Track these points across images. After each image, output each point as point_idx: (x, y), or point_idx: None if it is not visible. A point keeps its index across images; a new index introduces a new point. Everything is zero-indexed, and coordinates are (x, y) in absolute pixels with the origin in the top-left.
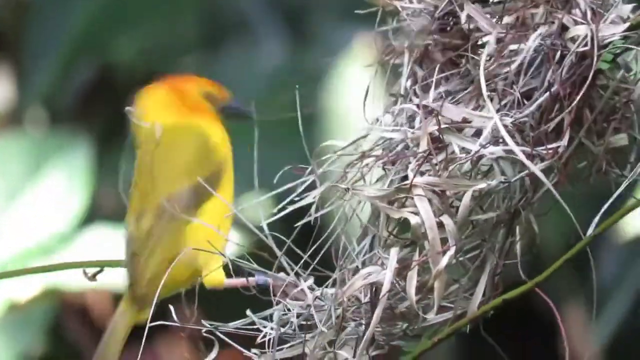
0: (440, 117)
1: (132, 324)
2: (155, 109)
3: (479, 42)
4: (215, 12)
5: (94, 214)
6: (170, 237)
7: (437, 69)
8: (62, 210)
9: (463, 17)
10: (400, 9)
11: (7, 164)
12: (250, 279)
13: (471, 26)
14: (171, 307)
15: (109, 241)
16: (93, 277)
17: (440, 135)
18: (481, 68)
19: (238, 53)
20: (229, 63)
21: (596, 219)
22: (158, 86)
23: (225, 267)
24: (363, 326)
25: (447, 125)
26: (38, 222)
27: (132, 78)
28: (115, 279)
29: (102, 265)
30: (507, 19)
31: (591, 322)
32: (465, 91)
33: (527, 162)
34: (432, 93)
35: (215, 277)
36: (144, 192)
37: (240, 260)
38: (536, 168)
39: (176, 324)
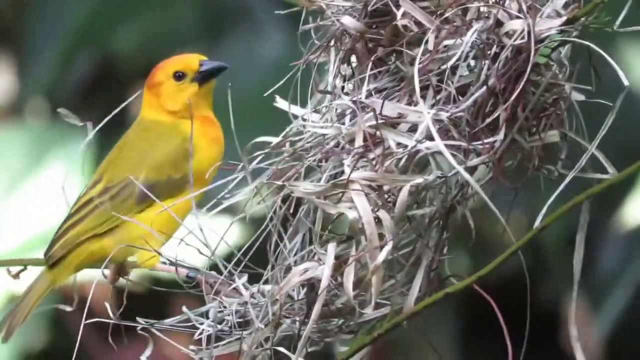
0: (375, 113)
1: (46, 287)
2: (147, 113)
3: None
4: (217, 3)
5: None
6: (102, 216)
7: (367, 66)
8: (62, 201)
9: (399, 13)
10: (325, 7)
11: (8, 156)
12: (180, 269)
13: (406, 23)
14: (107, 305)
15: None
16: (16, 276)
17: (376, 131)
18: (416, 64)
19: (239, 43)
20: (230, 53)
21: (542, 212)
22: (145, 88)
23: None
24: (297, 323)
25: (382, 121)
26: (38, 214)
27: (133, 68)
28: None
29: (24, 263)
30: (441, 15)
31: (593, 316)
32: (397, 88)
33: (451, 160)
34: (364, 90)
35: (150, 260)
36: (110, 164)
37: (172, 258)
38: (460, 167)
39: (113, 322)
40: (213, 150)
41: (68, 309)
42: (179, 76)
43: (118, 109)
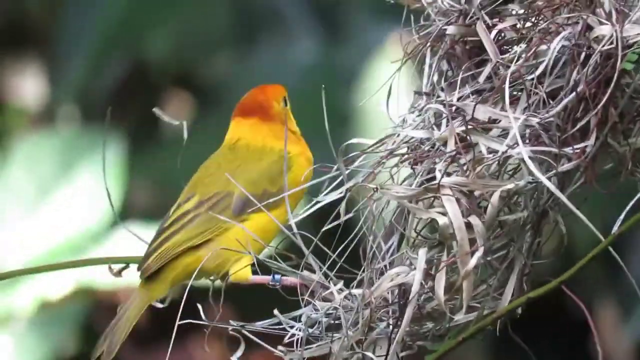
0: (467, 117)
1: (145, 302)
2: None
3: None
4: (248, 7)
5: (125, 212)
6: (200, 226)
7: (463, 67)
8: (93, 208)
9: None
10: (426, 6)
11: (40, 162)
12: (273, 276)
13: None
14: (199, 306)
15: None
16: (118, 273)
17: (468, 136)
18: (508, 73)
19: (271, 49)
20: (262, 59)
21: (620, 218)
22: (246, 116)
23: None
24: (390, 327)
25: (473, 126)
26: (70, 220)
27: (165, 74)
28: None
29: (127, 261)
30: (534, 19)
31: (623, 321)
32: (492, 91)
33: (533, 169)
34: (457, 91)
35: (241, 273)
36: (199, 182)
37: (269, 260)
38: (542, 176)
39: (203, 323)
40: (306, 169)
41: (160, 305)
42: (285, 101)
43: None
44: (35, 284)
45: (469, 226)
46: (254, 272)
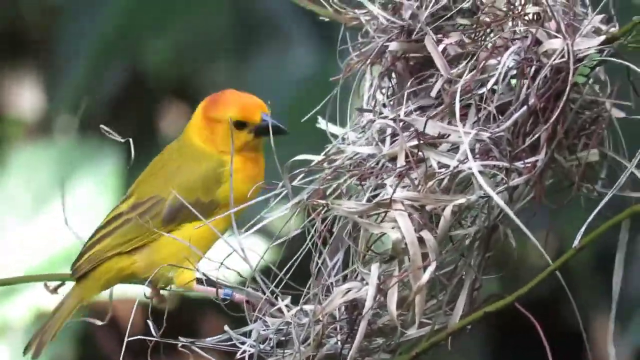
0: (418, 132)
1: (77, 302)
2: (194, 136)
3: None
4: (246, 18)
5: None
6: (130, 233)
7: (407, 84)
8: (90, 218)
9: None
10: (365, 23)
11: (37, 172)
12: (220, 290)
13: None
14: (149, 322)
15: None
16: (55, 290)
17: (419, 150)
18: (458, 87)
19: (269, 60)
20: (259, 68)
21: (580, 232)
22: (199, 110)
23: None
24: (340, 342)
25: (424, 141)
26: (66, 231)
27: (163, 83)
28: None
29: (63, 278)
30: (481, 34)
31: (620, 332)
32: (437, 106)
33: (484, 184)
34: (403, 108)
35: (186, 277)
36: (142, 181)
37: (213, 277)
38: (491, 190)
39: (153, 339)
40: (246, 186)
41: (98, 322)
42: (239, 124)
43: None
44: (31, 294)
45: (420, 241)
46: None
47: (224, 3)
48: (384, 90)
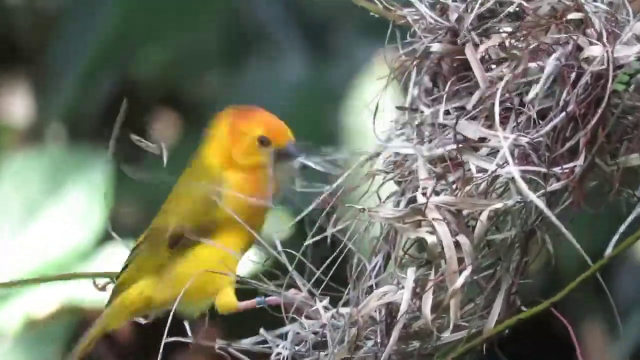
0: (457, 135)
1: (100, 330)
2: (213, 147)
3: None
4: (237, 27)
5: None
6: (147, 259)
7: (449, 84)
8: (80, 227)
9: (480, 49)
10: (412, 23)
11: (27, 181)
12: (257, 299)
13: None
14: (185, 324)
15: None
16: (103, 288)
17: (457, 154)
18: (498, 92)
19: (260, 68)
20: (251, 78)
21: (613, 240)
22: (224, 119)
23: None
24: (377, 345)
25: (463, 144)
26: (57, 239)
27: (154, 93)
28: None
29: (111, 276)
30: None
31: (610, 342)
32: (479, 108)
33: (524, 189)
34: (442, 108)
35: (228, 302)
36: (162, 208)
37: (252, 281)
38: (533, 195)
39: (189, 341)
40: (240, 203)
41: (143, 321)
42: (263, 141)
43: None
44: (21, 302)
45: (457, 245)
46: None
47: (216, 13)
48: (428, 91)
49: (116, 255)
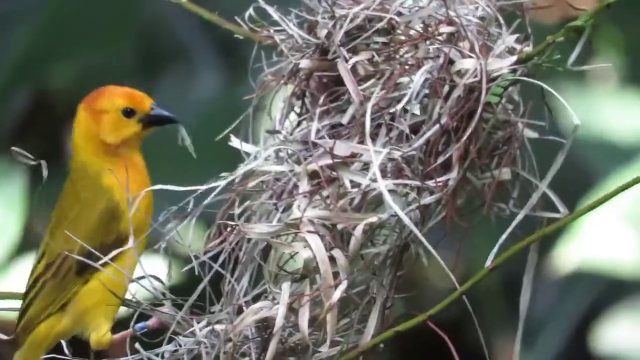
0: (331, 151)
1: None
2: (78, 138)
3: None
4: (152, 41)
5: (27, 244)
6: (51, 295)
7: (319, 102)
8: None
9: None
10: (279, 42)
11: None
12: (137, 326)
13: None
14: (63, 343)
15: None
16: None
17: (331, 170)
18: (369, 105)
19: (174, 83)
20: (165, 92)
21: (493, 252)
22: (81, 109)
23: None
24: None
25: (337, 159)
26: None
27: (68, 105)
28: None
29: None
30: (394, 53)
31: (524, 354)
32: (350, 124)
33: (392, 204)
34: (314, 128)
35: (102, 339)
36: (50, 234)
37: (131, 302)
38: (399, 210)
39: (66, 358)
40: (143, 214)
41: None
42: (127, 112)
43: None
44: None
45: (332, 259)
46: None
47: (129, 29)
48: (297, 109)
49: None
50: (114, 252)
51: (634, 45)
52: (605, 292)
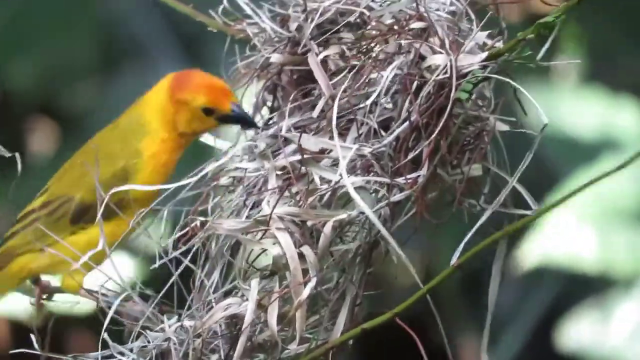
0: (299, 147)
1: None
2: (154, 102)
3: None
4: (111, 37)
5: None
6: (34, 233)
7: (291, 97)
8: None
9: (320, 55)
10: (252, 36)
11: None
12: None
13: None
14: (32, 336)
15: None
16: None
17: (300, 165)
18: (336, 101)
19: (135, 78)
20: (125, 88)
21: (459, 249)
22: (165, 88)
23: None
24: (222, 358)
25: (307, 155)
26: None
27: (28, 102)
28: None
29: None
30: (366, 48)
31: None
32: (321, 120)
33: (359, 201)
34: (285, 123)
35: (71, 283)
36: (62, 173)
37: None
38: (366, 207)
39: (37, 353)
40: (157, 174)
41: None
42: (207, 111)
43: None
44: None
45: (301, 256)
46: None
47: (89, 25)
48: (269, 103)
49: None
50: (89, 254)
51: (593, 42)
52: (568, 288)
